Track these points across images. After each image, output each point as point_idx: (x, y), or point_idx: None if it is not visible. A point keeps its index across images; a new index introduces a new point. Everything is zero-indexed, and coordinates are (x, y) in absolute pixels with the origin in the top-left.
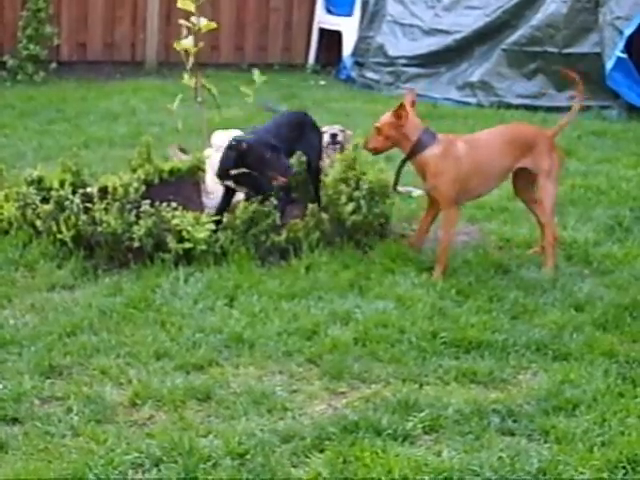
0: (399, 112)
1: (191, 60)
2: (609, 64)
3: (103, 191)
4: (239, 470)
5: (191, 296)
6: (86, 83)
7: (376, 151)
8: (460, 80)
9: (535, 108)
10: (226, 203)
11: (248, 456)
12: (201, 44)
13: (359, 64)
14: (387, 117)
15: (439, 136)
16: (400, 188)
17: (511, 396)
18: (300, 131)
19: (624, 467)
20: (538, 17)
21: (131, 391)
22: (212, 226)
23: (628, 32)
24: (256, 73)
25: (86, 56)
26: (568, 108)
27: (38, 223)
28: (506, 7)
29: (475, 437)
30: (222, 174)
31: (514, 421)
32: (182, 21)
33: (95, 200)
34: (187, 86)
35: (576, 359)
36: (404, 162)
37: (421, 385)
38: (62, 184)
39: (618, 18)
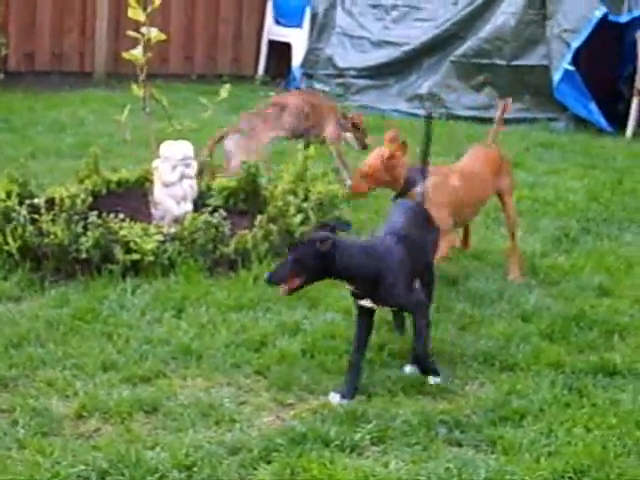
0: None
1: (144, 70)
2: (557, 76)
3: (50, 202)
4: None
5: (138, 308)
6: (34, 94)
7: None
8: (409, 92)
9: (483, 120)
10: None
11: (195, 468)
12: (149, 55)
13: (308, 75)
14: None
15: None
16: None
17: (459, 407)
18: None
19: (570, 477)
20: (486, 29)
21: (77, 403)
22: None
23: (575, 45)
24: (226, 87)
25: (34, 66)
26: (516, 120)
27: None
28: (455, 19)
29: (423, 448)
30: None
31: (461, 432)
32: (131, 32)
33: (42, 211)
34: (136, 97)
35: (523, 370)
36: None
37: (369, 396)
38: (9, 195)
39: (565, 31)
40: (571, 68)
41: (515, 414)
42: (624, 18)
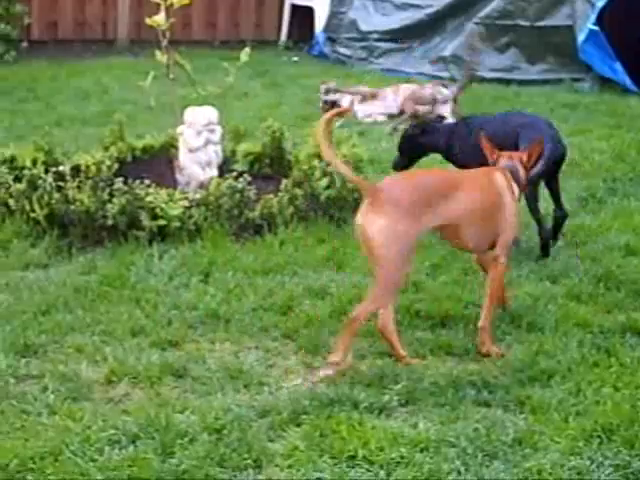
0: None
1: (167, 36)
2: (581, 37)
3: (76, 169)
4: (216, 445)
5: (166, 273)
6: (57, 62)
7: None
8: (433, 54)
9: (508, 81)
10: None
11: (225, 431)
12: (172, 20)
13: (331, 40)
14: None
15: None
16: None
17: (486, 368)
18: None
19: (599, 436)
20: None
21: (107, 368)
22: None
23: (600, 4)
24: (245, 50)
25: (57, 35)
26: (541, 81)
27: (11, 202)
28: None
29: (451, 408)
30: None
31: (490, 392)
32: None
33: (68, 178)
34: (159, 63)
35: (550, 330)
36: None
37: (397, 358)
38: (34, 163)
39: None
40: (595, 28)
41: (543, 374)
42: None
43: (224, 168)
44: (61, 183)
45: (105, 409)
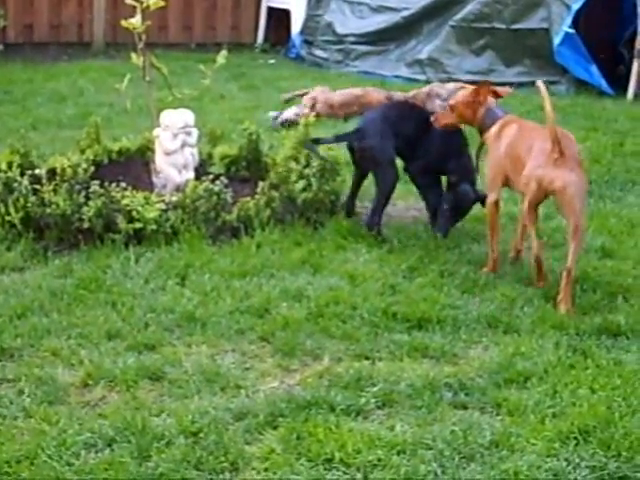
0: (479, 90)
1: (143, 38)
2: (557, 39)
3: (52, 172)
4: (193, 448)
5: (142, 276)
6: (33, 65)
7: (446, 127)
8: (409, 57)
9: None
10: None
11: (201, 434)
12: (148, 22)
13: (308, 42)
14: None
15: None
16: None
17: (463, 370)
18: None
19: (575, 438)
20: None
21: (83, 372)
22: None
23: (576, 7)
24: (222, 53)
25: (33, 38)
26: (517, 84)
27: None
28: None
29: (428, 411)
30: None
31: (466, 394)
32: (129, 0)
33: (44, 181)
34: (136, 66)
35: (527, 332)
36: (481, 145)
37: (374, 361)
38: (10, 166)
39: None
40: (571, 31)
41: (520, 376)
42: None
43: (201, 171)
44: (37, 186)
45: (81, 413)
